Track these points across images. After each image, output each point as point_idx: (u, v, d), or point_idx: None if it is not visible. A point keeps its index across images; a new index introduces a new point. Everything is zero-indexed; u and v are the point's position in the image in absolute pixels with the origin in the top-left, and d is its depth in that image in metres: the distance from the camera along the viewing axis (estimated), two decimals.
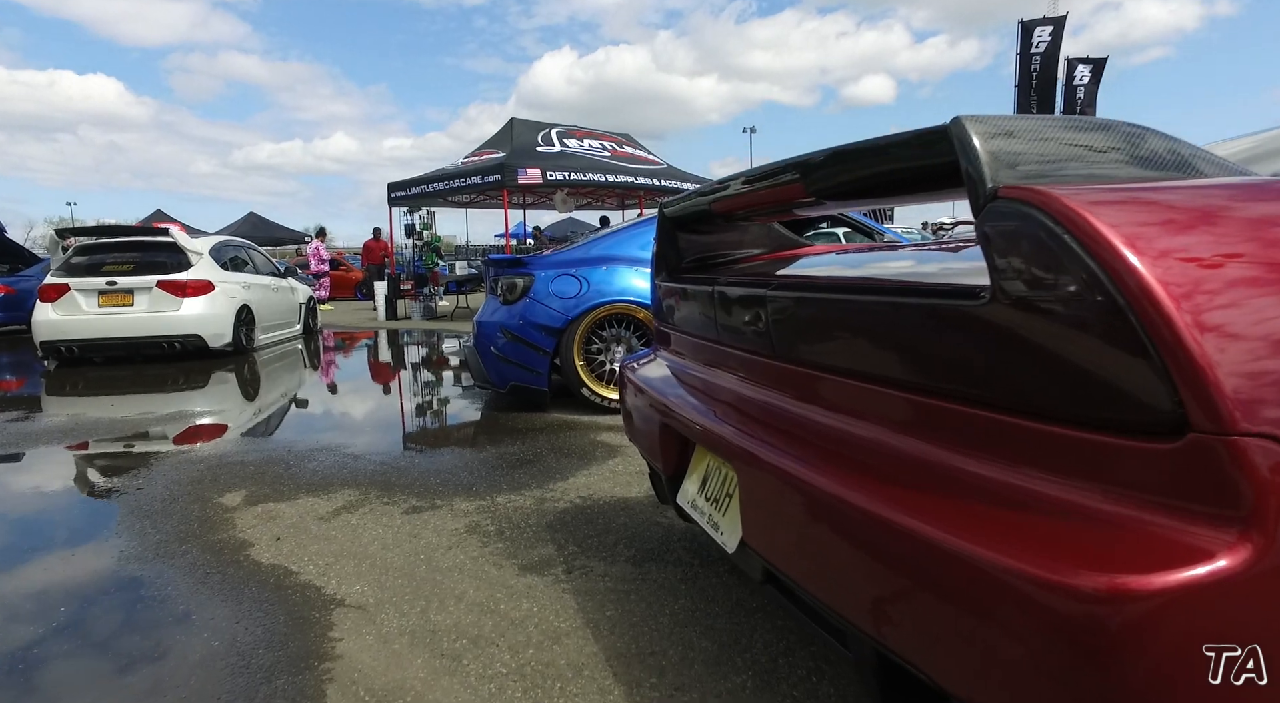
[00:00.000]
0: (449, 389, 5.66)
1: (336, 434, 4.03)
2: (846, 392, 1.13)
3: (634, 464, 3.24)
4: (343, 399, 5.44)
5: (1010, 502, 0.84)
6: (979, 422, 0.90)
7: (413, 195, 13.14)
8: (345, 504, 2.77)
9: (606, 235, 4.82)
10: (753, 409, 1.37)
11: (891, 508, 0.94)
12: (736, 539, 1.33)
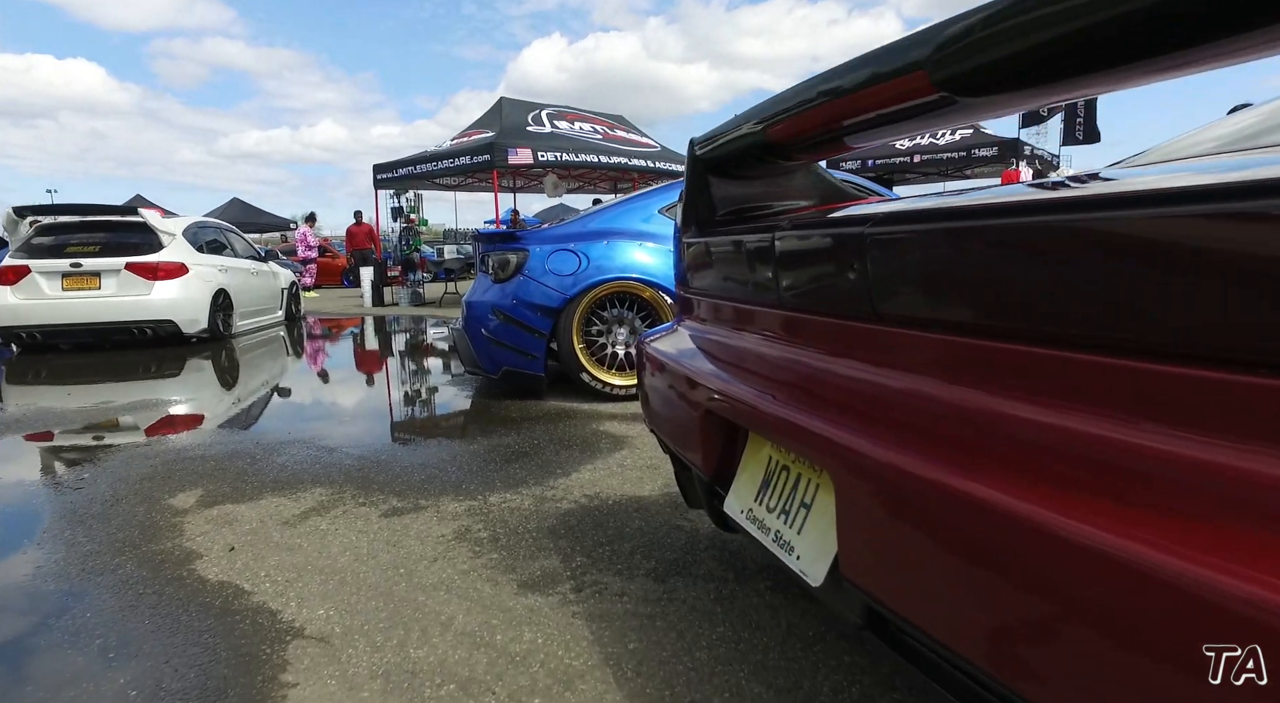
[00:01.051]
0: (437, 377, 5.28)
1: (313, 425, 3.66)
2: (1013, 363, 0.77)
3: (644, 457, 2.88)
4: (323, 388, 5.05)
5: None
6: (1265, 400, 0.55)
7: (399, 177, 12.68)
8: (315, 506, 2.40)
9: (606, 208, 4.44)
10: (839, 391, 1.01)
11: (1101, 527, 0.59)
12: (824, 567, 0.97)
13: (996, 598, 0.71)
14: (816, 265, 1.10)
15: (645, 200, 4.35)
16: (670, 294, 3.98)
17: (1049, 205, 0.81)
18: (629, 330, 4.10)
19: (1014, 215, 0.82)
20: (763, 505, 1.17)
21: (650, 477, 2.63)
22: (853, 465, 0.88)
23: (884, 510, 0.85)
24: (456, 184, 14.99)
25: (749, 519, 1.20)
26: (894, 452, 0.83)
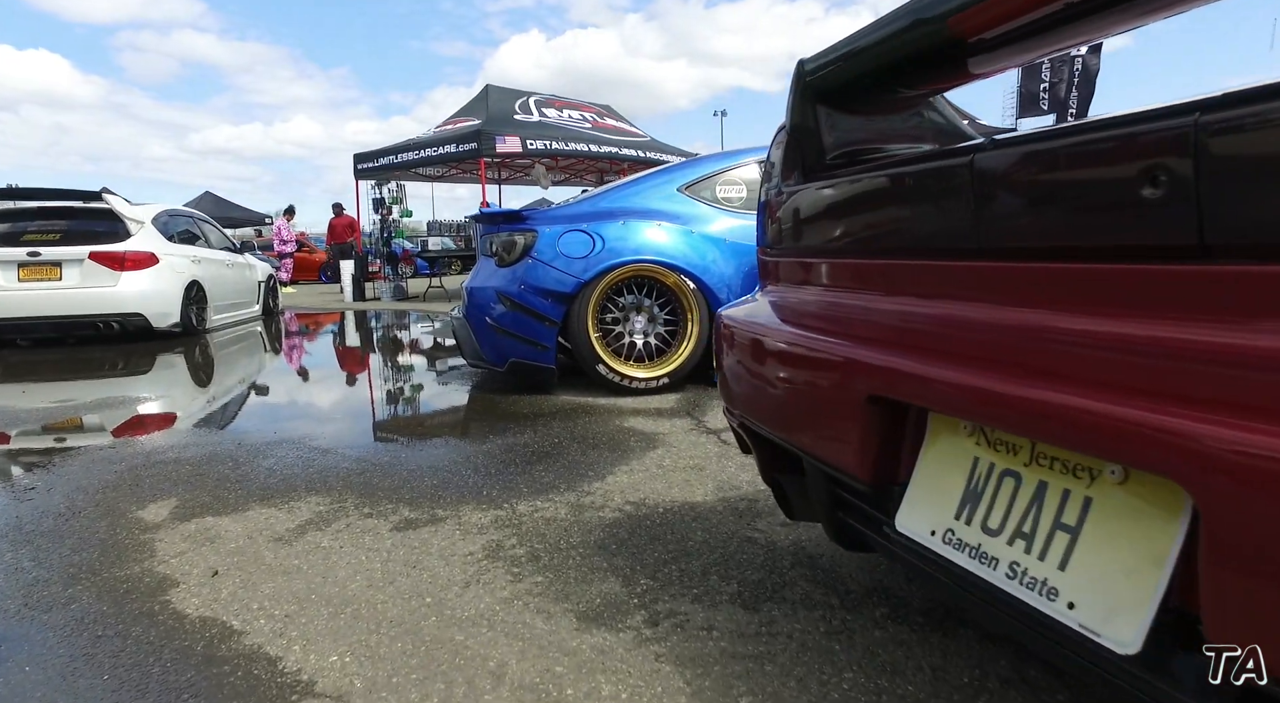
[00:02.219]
0: (431, 371, 4.91)
1: (301, 425, 3.27)
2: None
3: (684, 457, 2.55)
4: (308, 385, 4.65)
5: None
6: None
7: (381, 167, 12.21)
8: (313, 518, 2.04)
9: (620, 186, 4.09)
10: (1175, 370, 0.68)
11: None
12: (1136, 623, 0.64)
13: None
14: (1093, 184, 0.77)
15: (663, 177, 4.01)
16: (694, 278, 3.65)
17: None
18: (647, 318, 3.76)
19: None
20: (975, 526, 0.84)
21: (698, 479, 2.30)
22: (1241, 476, 0.55)
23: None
24: (440, 174, 14.53)
25: (950, 544, 0.87)
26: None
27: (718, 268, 3.73)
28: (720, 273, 3.73)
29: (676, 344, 3.76)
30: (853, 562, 1.66)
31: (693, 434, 2.86)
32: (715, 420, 3.06)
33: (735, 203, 3.93)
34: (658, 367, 3.71)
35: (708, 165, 4.02)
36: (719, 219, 3.85)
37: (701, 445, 2.69)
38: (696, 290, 3.67)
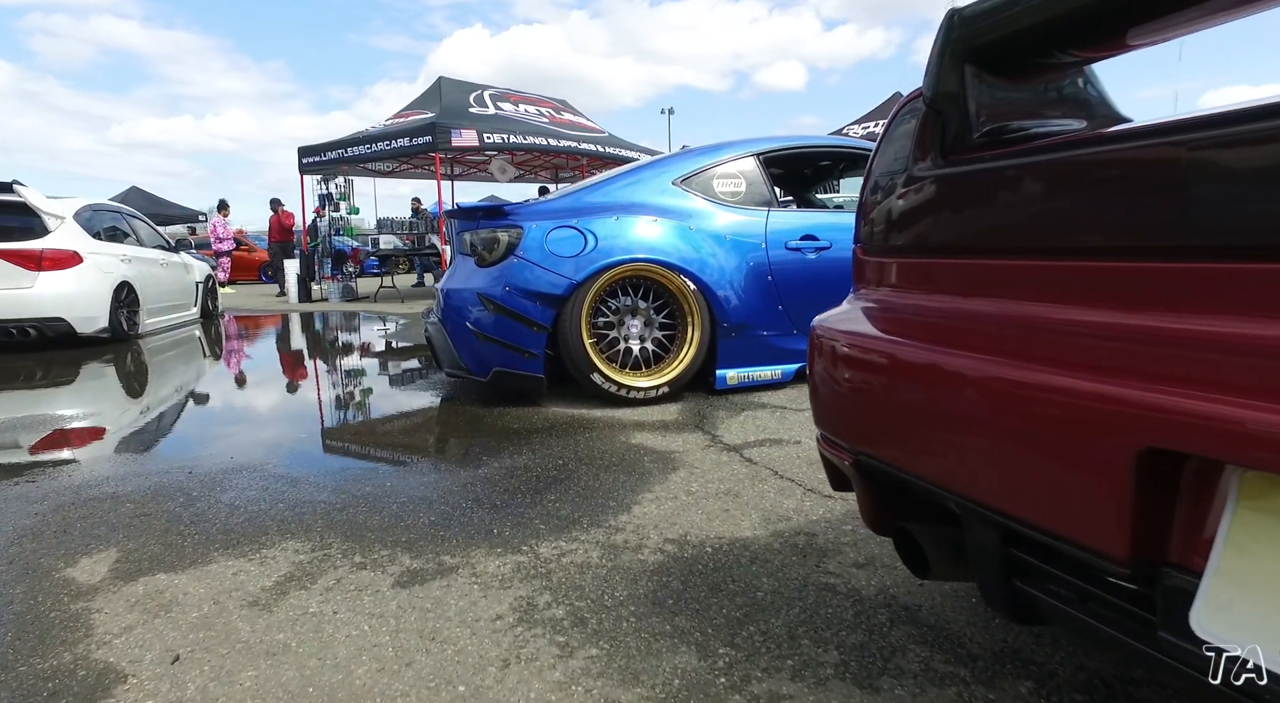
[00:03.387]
0: (398, 380, 4.51)
1: (260, 446, 2.87)
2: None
3: (712, 481, 2.27)
4: (262, 398, 4.21)
5: None
6: None
7: (327, 161, 11.56)
8: (294, 572, 1.68)
9: (608, 179, 3.79)
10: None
11: None
12: None
13: None
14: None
15: (656, 169, 3.73)
16: (694, 279, 3.38)
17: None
18: (643, 322, 3.47)
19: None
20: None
21: (737, 508, 2.03)
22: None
23: None
24: (391, 170, 13.91)
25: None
26: None
27: (719, 268, 3.47)
28: (722, 273, 3.46)
29: (676, 350, 3.48)
30: (959, 614, 1.41)
31: (711, 452, 2.58)
32: (731, 434, 2.79)
33: (734, 197, 3.67)
34: (657, 375, 3.43)
35: (703, 157, 3.75)
36: (718, 215, 3.59)
37: (726, 466, 2.42)
38: (697, 292, 3.40)
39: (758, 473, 2.33)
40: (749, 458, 2.49)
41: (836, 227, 3.70)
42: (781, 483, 2.23)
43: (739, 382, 3.54)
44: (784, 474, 2.31)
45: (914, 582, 1.55)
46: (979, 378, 0.91)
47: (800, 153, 4.08)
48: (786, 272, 3.58)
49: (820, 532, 1.84)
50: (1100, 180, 0.86)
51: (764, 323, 3.55)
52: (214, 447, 2.87)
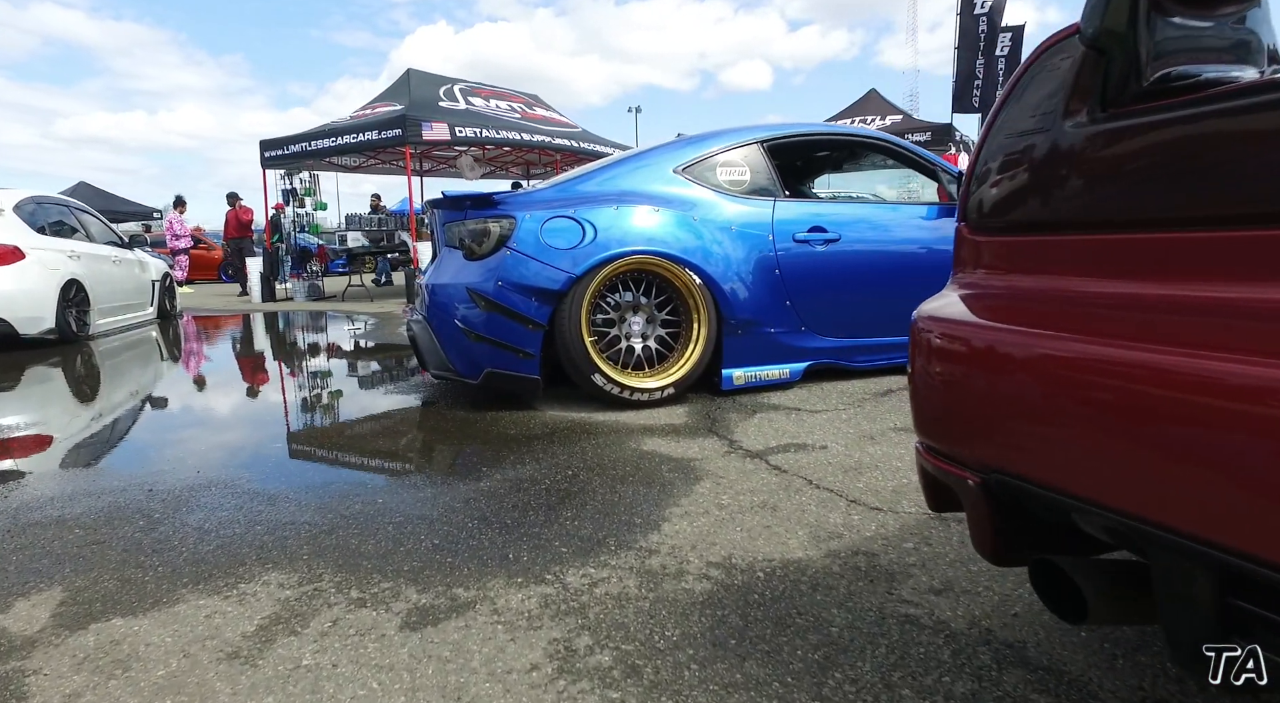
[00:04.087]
0: (377, 383, 4.22)
1: (229, 458, 2.58)
2: None
3: (742, 491, 2.06)
4: (228, 404, 3.89)
5: None
6: None
7: (291, 155, 11.10)
8: (280, 612, 1.43)
9: (603, 167, 3.55)
10: None
11: None
12: None
13: None
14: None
15: (656, 156, 3.50)
16: (699, 272, 3.16)
17: None
18: (645, 319, 3.25)
19: None
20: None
21: (779, 524, 1.82)
22: None
23: None
24: (358, 164, 13.45)
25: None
26: None
27: (726, 261, 3.26)
28: (728, 267, 3.26)
29: (681, 348, 3.26)
30: (1074, 652, 1.22)
31: (733, 459, 2.37)
32: (749, 439, 2.59)
33: (738, 187, 3.47)
34: (661, 375, 3.21)
35: (705, 144, 3.54)
36: (723, 205, 3.38)
37: (754, 475, 2.21)
38: (703, 286, 3.19)
39: (790, 483, 2.13)
40: (776, 466, 2.29)
41: (845, 218, 3.52)
42: (820, 494, 2.02)
43: (746, 382, 3.34)
44: (820, 483, 2.11)
45: (1004, 610, 1.35)
46: (1206, 379, 0.71)
47: (806, 141, 3.90)
48: (795, 265, 3.39)
49: (880, 551, 1.64)
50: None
51: (772, 319, 3.35)
52: (177, 460, 2.57)
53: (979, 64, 10.88)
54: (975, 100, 11.05)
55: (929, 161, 3.83)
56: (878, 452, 2.39)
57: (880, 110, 13.79)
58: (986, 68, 10.95)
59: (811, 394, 3.30)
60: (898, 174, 9.83)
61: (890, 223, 3.61)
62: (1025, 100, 1.00)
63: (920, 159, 3.83)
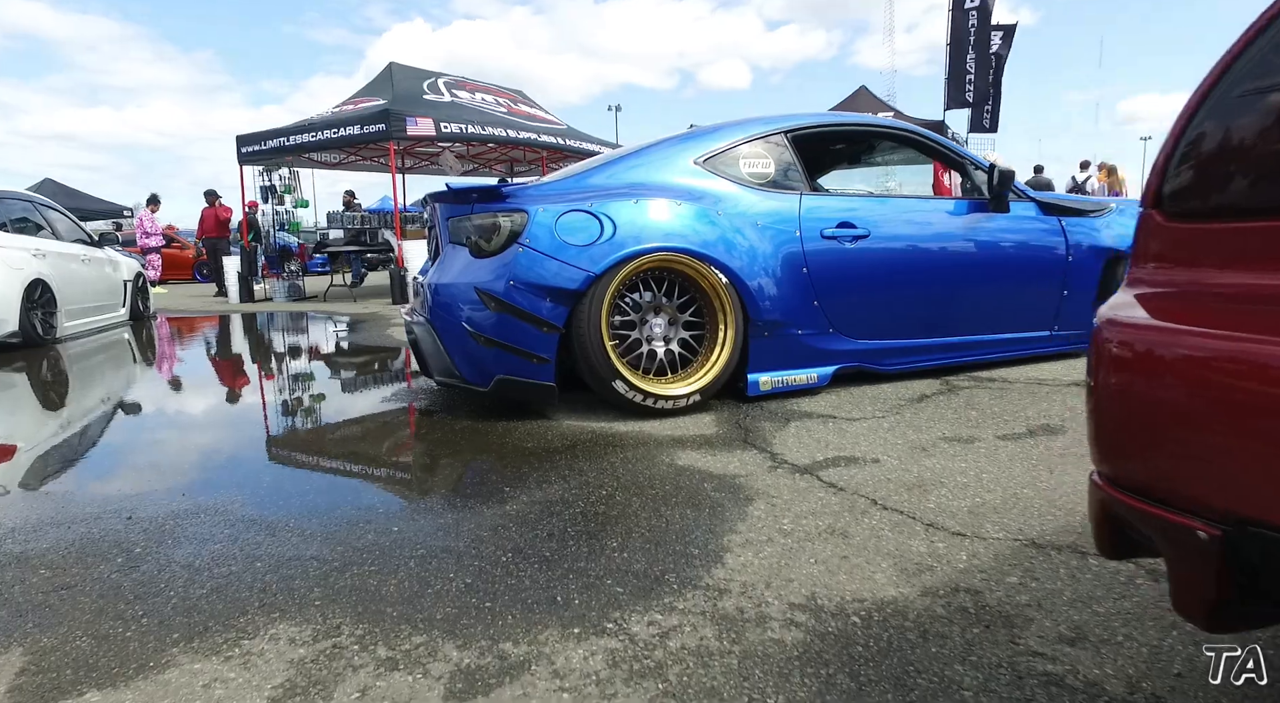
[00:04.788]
0: (370, 390, 3.96)
1: (218, 478, 2.32)
2: None
3: (802, 515, 1.85)
4: (212, 415, 3.60)
5: None
6: None
7: (269, 151, 10.72)
8: (295, 679, 1.19)
9: (620, 157, 3.33)
10: None
11: None
12: None
13: None
14: None
15: (674, 147, 3.28)
16: (726, 271, 2.95)
17: None
18: (667, 321, 3.03)
19: None
20: None
21: (856, 553, 1.61)
22: None
23: None
24: (338, 161, 13.07)
25: None
26: None
27: (753, 259, 3.05)
28: (755, 265, 3.04)
29: (706, 352, 3.04)
30: None
31: (781, 475, 2.16)
32: (792, 451, 2.38)
33: (762, 179, 3.26)
34: (686, 381, 2.99)
35: (727, 133, 3.33)
36: (748, 199, 3.17)
37: (809, 494, 2.00)
38: (729, 285, 2.97)
39: (852, 503, 1.92)
40: (831, 483, 2.08)
41: (874, 213, 3.33)
42: (890, 517, 1.82)
43: (773, 387, 3.13)
44: (885, 503, 1.90)
45: (1163, 669, 1.15)
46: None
47: (831, 132, 3.71)
48: (823, 263, 3.18)
49: (982, 587, 1.43)
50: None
51: (799, 320, 3.15)
52: (158, 480, 2.31)
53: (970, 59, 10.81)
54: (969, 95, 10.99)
55: (958, 155, 3.65)
56: (936, 466, 2.20)
57: (871, 107, 13.69)
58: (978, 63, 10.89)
59: (842, 400, 3.10)
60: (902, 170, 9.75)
61: (921, 219, 3.42)
62: (1270, 45, 0.79)
63: (950, 152, 3.65)
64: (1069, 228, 3.64)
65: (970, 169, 3.64)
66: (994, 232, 3.49)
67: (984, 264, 3.48)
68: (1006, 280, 3.53)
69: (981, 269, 3.47)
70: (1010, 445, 2.37)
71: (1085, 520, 1.74)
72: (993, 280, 3.50)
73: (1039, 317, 3.65)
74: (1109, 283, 3.71)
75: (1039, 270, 3.59)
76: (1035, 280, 3.60)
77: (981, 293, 3.50)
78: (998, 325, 3.58)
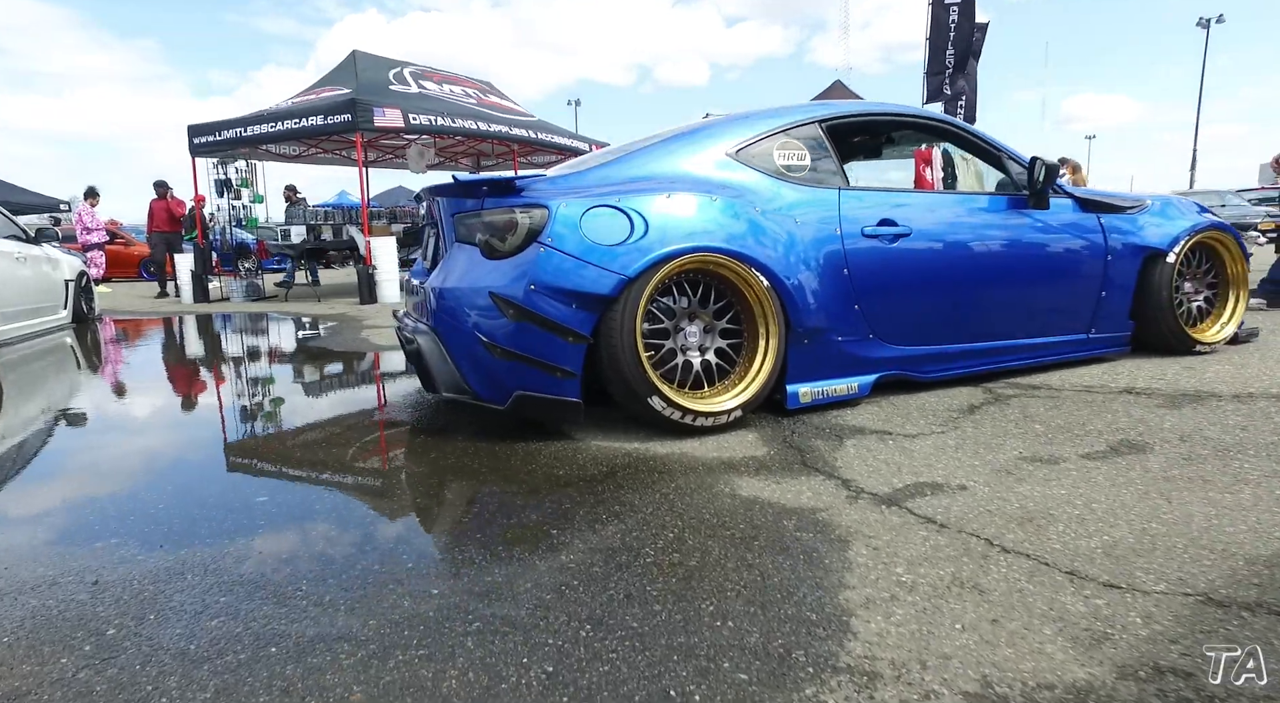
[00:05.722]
0: (355, 404, 3.58)
1: (199, 522, 1.95)
2: None
3: (915, 561, 1.58)
4: (177, 438, 3.19)
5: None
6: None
7: (222, 142, 10.10)
8: None
9: (646, 146, 3.01)
10: None
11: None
12: None
13: None
14: None
15: (703, 136, 2.99)
16: (769, 274, 2.67)
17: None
18: (703, 328, 2.74)
19: None
20: None
21: (1005, 614, 1.34)
22: None
23: None
24: (298, 153, 12.44)
25: None
26: None
27: (795, 260, 2.78)
28: (797, 266, 2.78)
29: (745, 362, 2.77)
30: None
31: (865, 508, 1.89)
32: (864, 477, 2.12)
33: (798, 173, 2.99)
34: (725, 395, 2.70)
35: (760, 122, 3.05)
36: (785, 193, 2.90)
37: (910, 532, 1.73)
38: (770, 288, 2.70)
39: (966, 544, 1.66)
40: (928, 517, 1.82)
41: (915, 209, 3.09)
42: (1019, 562, 1.56)
43: (812, 399, 2.87)
44: (1004, 545, 1.65)
45: None
46: None
47: (866, 122, 3.46)
48: (864, 264, 2.93)
49: (1190, 666, 1.18)
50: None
51: (840, 326, 2.89)
52: (127, 525, 1.93)
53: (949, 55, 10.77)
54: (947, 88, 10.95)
55: (996, 147, 3.44)
56: (1033, 494, 1.95)
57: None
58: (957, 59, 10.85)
59: (888, 412, 2.86)
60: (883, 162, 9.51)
61: (962, 216, 3.19)
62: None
63: (989, 145, 3.43)
64: (1107, 225, 3.46)
65: (1008, 162, 3.43)
66: (1035, 229, 3.29)
67: (1025, 264, 3.27)
68: (1047, 281, 3.34)
69: (1023, 269, 3.27)
70: (1102, 467, 2.14)
71: (1250, 565, 1.51)
72: (1033, 281, 3.30)
73: (1076, 319, 3.47)
74: (1146, 284, 3.55)
75: (1079, 271, 3.41)
76: (1075, 281, 3.41)
77: (1022, 294, 3.29)
78: (1036, 329, 3.38)
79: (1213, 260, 3.77)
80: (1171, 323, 3.55)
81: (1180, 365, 3.45)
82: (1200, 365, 3.43)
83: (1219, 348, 3.72)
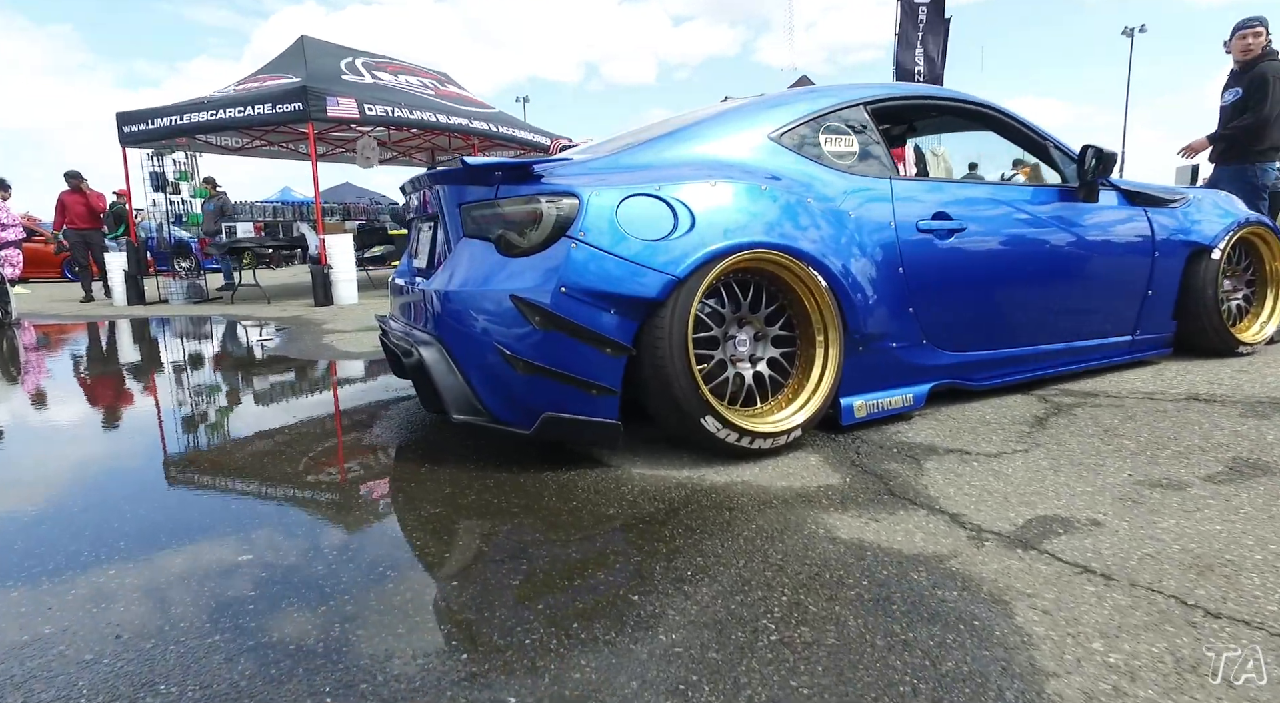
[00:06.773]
0: (330, 422, 3.12)
1: (163, 599, 1.51)
2: None
3: (1107, 634, 1.26)
4: (121, 473, 2.69)
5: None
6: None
7: (158, 131, 9.30)
8: None
9: (680, 128, 2.65)
10: None
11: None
12: None
13: None
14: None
15: (743, 118, 2.65)
16: (827, 274, 2.35)
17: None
18: (754, 336, 2.40)
19: None
20: None
21: None
22: None
23: None
24: (241, 145, 11.63)
25: None
26: None
27: (851, 257, 2.47)
28: (854, 264, 2.47)
29: (799, 374, 2.44)
30: None
31: (999, 553, 1.58)
32: (971, 510, 1.80)
33: (846, 160, 2.68)
34: (781, 412, 2.37)
35: (801, 103, 2.73)
36: (835, 183, 2.59)
37: (1073, 587, 1.42)
38: (829, 290, 2.38)
39: (1156, 606, 1.35)
40: (1082, 565, 1.51)
41: (969, 202, 2.82)
42: (1242, 631, 1.26)
43: (868, 413, 2.56)
44: (1203, 605, 1.35)
45: None
46: None
47: (912, 105, 3.16)
48: (918, 262, 2.64)
49: None
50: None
51: (894, 331, 2.59)
52: (67, 606, 1.47)
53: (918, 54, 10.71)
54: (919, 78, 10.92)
55: (1042, 137, 3.19)
56: (1185, 530, 1.67)
57: None
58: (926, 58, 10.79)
59: (946, 426, 2.58)
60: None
61: (1014, 209, 2.93)
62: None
63: (1035, 134, 3.18)
64: (1153, 220, 3.25)
65: (1054, 153, 3.19)
66: (1086, 224, 3.06)
67: (1077, 261, 3.03)
68: (1098, 279, 3.11)
69: (1075, 267, 3.03)
70: (1238, 493, 1.88)
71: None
72: (1085, 280, 3.07)
73: (1123, 320, 3.25)
74: (1191, 282, 3.36)
75: (1128, 268, 3.19)
76: (1124, 279, 3.19)
77: (1073, 294, 3.05)
78: (1086, 331, 3.15)
79: (1251, 257, 3.61)
80: (1217, 323, 3.38)
81: (1230, 368, 3.26)
82: (1250, 368, 3.26)
83: (1259, 349, 3.57)
